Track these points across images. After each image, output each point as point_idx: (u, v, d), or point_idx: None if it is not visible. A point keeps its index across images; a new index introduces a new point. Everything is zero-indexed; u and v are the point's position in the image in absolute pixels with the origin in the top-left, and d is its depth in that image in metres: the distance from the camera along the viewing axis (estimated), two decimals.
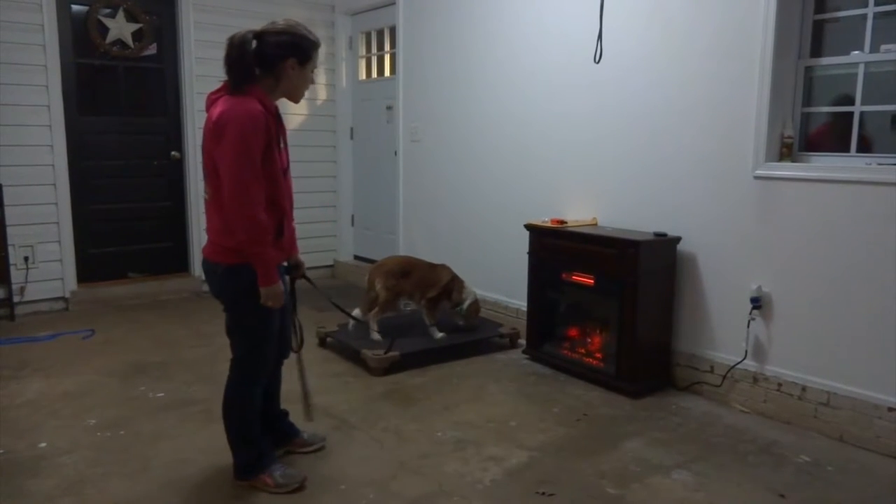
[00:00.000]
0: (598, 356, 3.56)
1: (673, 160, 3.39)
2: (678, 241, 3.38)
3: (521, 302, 4.10)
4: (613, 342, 3.43)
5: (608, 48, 3.53)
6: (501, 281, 4.40)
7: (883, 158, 2.83)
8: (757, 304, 3.09)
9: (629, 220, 3.60)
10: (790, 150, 3.06)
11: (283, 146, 2.34)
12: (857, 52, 2.92)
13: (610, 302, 3.43)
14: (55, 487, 2.42)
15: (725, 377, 3.23)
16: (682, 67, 3.31)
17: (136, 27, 5.07)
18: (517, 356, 3.92)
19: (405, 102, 5.19)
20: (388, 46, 5.60)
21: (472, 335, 4.04)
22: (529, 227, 3.82)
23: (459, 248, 4.72)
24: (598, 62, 3.54)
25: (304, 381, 2.65)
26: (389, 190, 5.49)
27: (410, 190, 5.25)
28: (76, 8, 4.87)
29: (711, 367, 3.31)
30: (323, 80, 5.84)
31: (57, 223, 4.78)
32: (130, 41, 5.06)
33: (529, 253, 3.83)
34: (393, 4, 5.20)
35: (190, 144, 5.28)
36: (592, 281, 3.49)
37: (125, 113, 5.16)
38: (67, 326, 4.43)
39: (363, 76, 5.91)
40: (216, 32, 5.19)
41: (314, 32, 2.33)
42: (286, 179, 2.36)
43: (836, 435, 2.87)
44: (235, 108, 2.14)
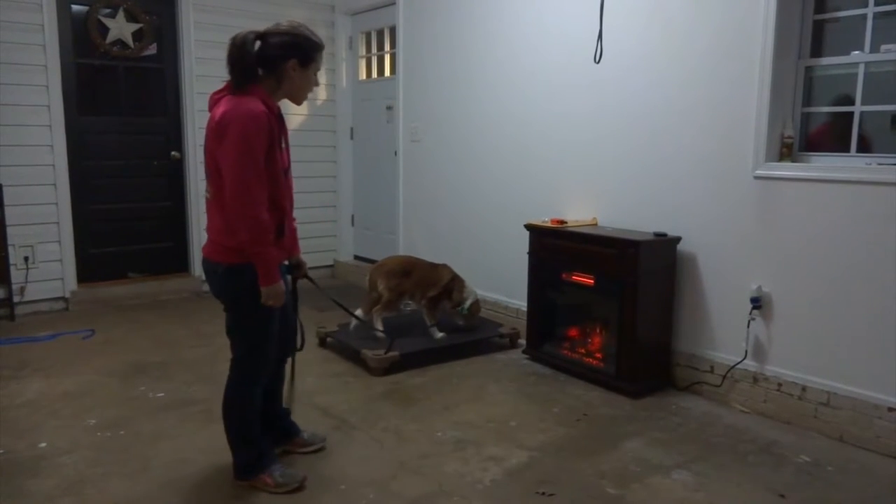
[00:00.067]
0: (598, 356, 3.56)
1: (673, 160, 3.40)
2: (678, 241, 3.38)
3: (521, 302, 4.10)
4: (613, 342, 3.43)
5: (608, 48, 3.53)
6: (501, 281, 4.40)
7: (883, 158, 2.83)
8: (757, 304, 3.09)
9: (629, 220, 3.60)
10: (790, 150, 3.06)
11: (284, 146, 2.33)
12: (857, 52, 2.92)
13: (610, 302, 3.43)
14: (55, 487, 2.42)
15: (725, 377, 3.23)
16: (682, 67, 3.31)
17: (136, 27, 5.07)
18: (517, 356, 3.92)
19: (405, 102, 5.19)
20: (388, 46, 5.60)
21: (472, 335, 4.04)
22: (529, 227, 3.82)
23: (459, 248, 4.72)
24: (598, 62, 3.54)
25: (292, 371, 2.68)
26: (389, 190, 5.50)
27: (410, 190, 5.25)
28: (76, 8, 4.87)
29: (711, 367, 3.31)
30: (323, 79, 5.84)
31: (57, 223, 4.78)
32: (130, 41, 5.06)
33: (529, 253, 3.83)
34: (393, 4, 5.20)
35: (190, 144, 5.28)
36: (592, 281, 3.49)
37: (125, 113, 5.16)
38: (67, 326, 4.43)
39: (363, 76, 5.92)
40: (216, 32, 5.20)
41: (318, 34, 2.32)
42: (287, 179, 2.36)
43: (836, 435, 2.87)
44: (238, 108, 2.13)
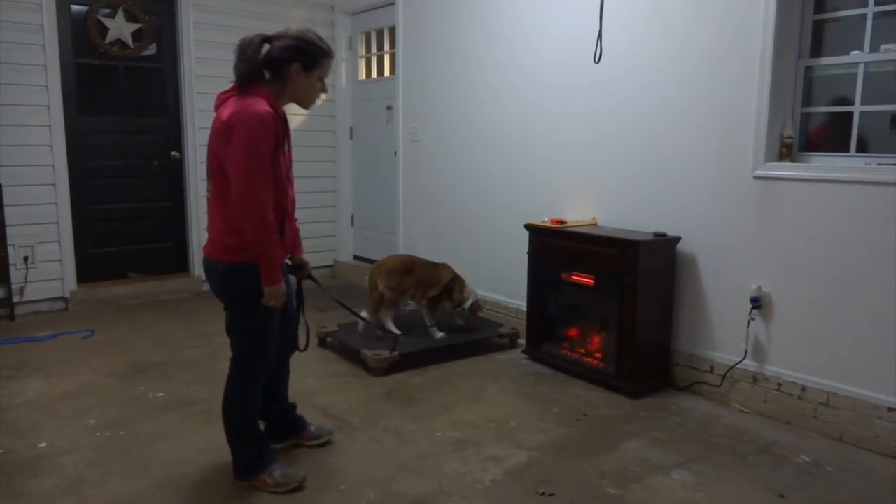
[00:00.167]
0: (597, 356, 3.56)
1: (673, 160, 3.40)
2: (678, 241, 3.38)
3: (520, 302, 4.10)
4: (613, 342, 3.43)
5: (608, 48, 3.53)
6: (501, 281, 4.40)
7: (883, 158, 2.83)
8: (757, 304, 3.09)
9: (629, 220, 3.60)
10: (790, 150, 3.06)
11: (287, 149, 2.35)
12: (856, 52, 2.92)
13: (610, 302, 3.43)
14: (55, 487, 2.42)
15: (725, 377, 3.23)
16: (681, 67, 3.31)
17: (135, 27, 5.07)
18: (517, 356, 3.92)
19: (405, 102, 5.19)
20: (388, 46, 5.59)
21: (472, 335, 4.04)
22: (529, 227, 3.82)
23: (459, 247, 4.72)
24: (597, 62, 3.54)
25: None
26: (389, 190, 5.49)
27: (410, 190, 5.25)
28: (76, 8, 4.87)
29: (711, 367, 3.31)
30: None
31: (57, 223, 4.78)
32: (130, 41, 5.06)
33: (529, 253, 3.83)
34: (393, 4, 5.19)
35: (190, 144, 5.28)
36: (592, 281, 3.49)
37: (125, 113, 5.16)
38: (67, 326, 4.43)
39: (363, 76, 5.92)
40: (216, 32, 5.20)
41: (327, 42, 2.33)
42: (288, 181, 2.37)
43: (835, 435, 2.87)
44: (245, 109, 2.15)
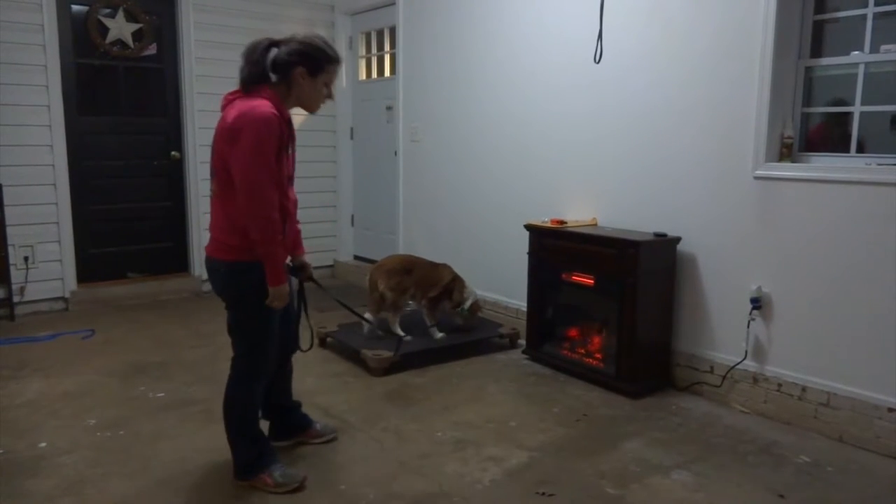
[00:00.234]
0: (597, 356, 3.56)
1: (673, 160, 3.39)
2: (678, 241, 3.38)
3: (521, 302, 4.09)
4: (613, 342, 3.43)
5: (608, 48, 3.53)
6: (501, 281, 4.40)
7: (883, 158, 2.83)
8: (757, 304, 3.09)
9: (629, 220, 3.60)
10: (790, 150, 3.06)
11: (291, 152, 2.36)
12: (857, 52, 2.92)
13: (610, 302, 3.42)
14: (55, 487, 2.42)
15: (725, 377, 3.23)
16: (681, 67, 3.31)
17: (136, 27, 5.07)
18: (517, 356, 3.92)
19: (405, 102, 5.19)
20: (388, 46, 5.59)
21: (471, 335, 4.04)
22: (529, 227, 3.82)
23: (459, 248, 4.72)
24: (598, 62, 3.54)
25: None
26: (389, 190, 5.49)
27: (410, 190, 5.25)
28: (76, 8, 4.87)
29: (711, 367, 3.31)
30: None
31: (57, 223, 4.78)
32: (130, 41, 5.06)
33: (529, 253, 3.83)
34: (393, 4, 5.19)
35: (190, 144, 5.28)
36: (592, 281, 3.49)
37: (125, 113, 5.16)
38: (67, 326, 4.43)
39: (363, 76, 5.91)
40: (216, 32, 5.20)
41: (334, 48, 2.35)
42: (290, 182, 2.39)
43: (835, 435, 2.87)
44: (251, 112, 2.17)
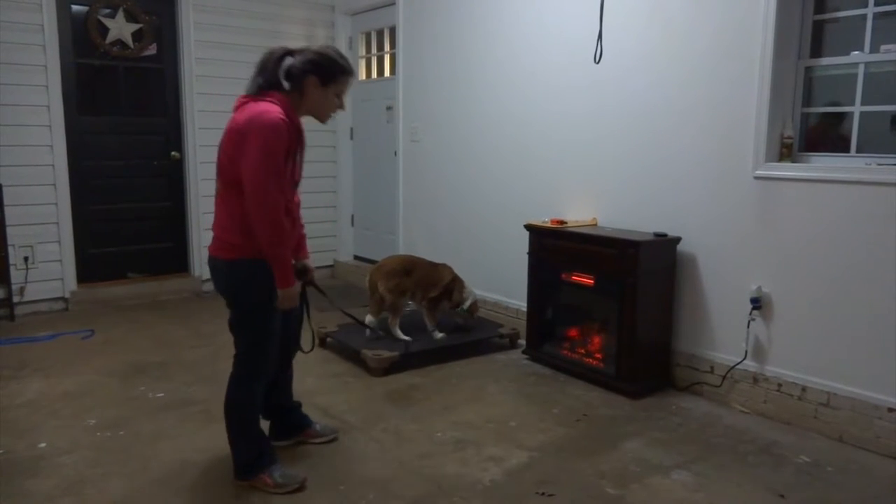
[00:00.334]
0: (597, 356, 3.56)
1: (673, 160, 3.39)
2: (678, 241, 3.38)
3: (521, 302, 4.09)
4: (613, 342, 3.43)
5: (608, 48, 3.53)
6: (501, 281, 4.40)
7: (883, 158, 2.83)
8: (757, 304, 3.09)
9: (629, 220, 3.60)
10: (790, 150, 3.06)
11: (298, 159, 2.39)
12: (857, 52, 2.92)
13: (610, 302, 3.42)
14: (55, 487, 2.42)
15: (725, 377, 3.23)
16: (682, 67, 3.31)
17: (136, 27, 5.07)
18: (517, 356, 3.92)
19: (405, 102, 5.19)
20: (388, 47, 5.60)
21: (471, 335, 4.04)
22: (529, 227, 3.82)
23: (459, 248, 4.72)
24: (598, 62, 3.54)
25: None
26: (389, 190, 5.49)
27: (410, 190, 5.25)
28: (76, 8, 4.87)
29: (711, 367, 3.30)
30: None
31: (57, 223, 4.78)
32: (130, 41, 5.06)
33: (529, 253, 3.83)
34: (393, 5, 5.19)
35: (190, 144, 5.28)
36: (592, 281, 3.49)
37: (125, 113, 5.16)
38: (67, 326, 4.43)
39: (363, 76, 5.91)
40: (216, 32, 5.21)
41: (347, 59, 2.39)
42: (295, 186, 2.44)
43: (835, 435, 2.87)
44: (260, 117, 2.19)
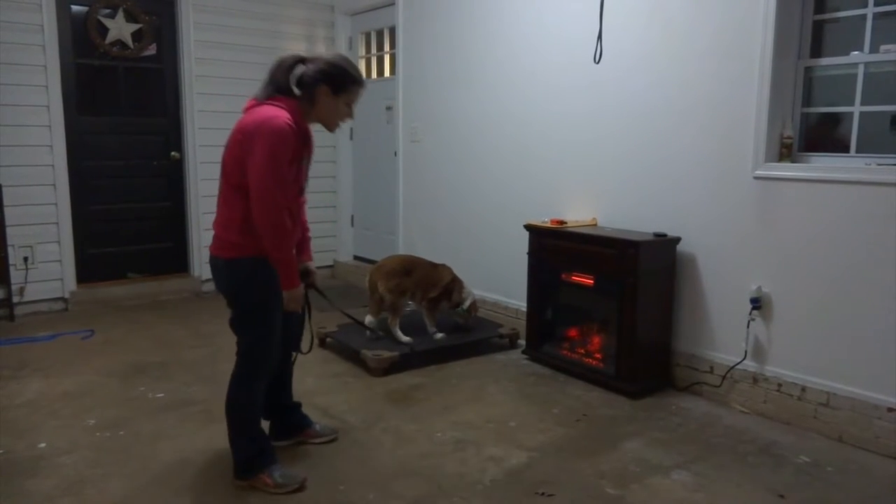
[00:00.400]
0: (597, 356, 3.56)
1: (673, 160, 3.39)
2: (678, 241, 3.38)
3: (520, 302, 4.09)
4: (613, 342, 3.43)
5: (608, 48, 3.53)
6: (501, 281, 4.40)
7: (883, 158, 2.83)
8: (757, 304, 3.09)
9: (629, 220, 3.60)
10: (790, 150, 3.06)
11: (305, 164, 2.40)
12: (856, 52, 2.92)
13: (609, 302, 3.42)
14: (55, 487, 2.42)
15: (725, 377, 3.23)
16: (681, 67, 3.31)
17: (135, 27, 5.07)
18: (517, 356, 3.92)
19: (405, 103, 5.19)
20: (387, 47, 5.59)
21: (471, 335, 4.03)
22: (529, 227, 3.82)
23: (459, 248, 4.72)
24: (597, 62, 3.54)
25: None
26: (389, 190, 5.49)
27: (410, 190, 5.25)
28: (76, 8, 4.87)
29: (711, 367, 3.30)
30: None
31: (56, 223, 4.78)
32: (130, 41, 5.06)
33: (529, 253, 3.83)
34: (393, 5, 5.19)
35: (190, 144, 5.28)
36: (592, 281, 3.49)
37: (125, 113, 5.16)
38: (67, 327, 4.43)
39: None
40: (216, 32, 5.21)
41: (358, 70, 2.41)
42: (301, 194, 2.45)
43: (835, 435, 2.87)
44: (269, 121, 2.20)
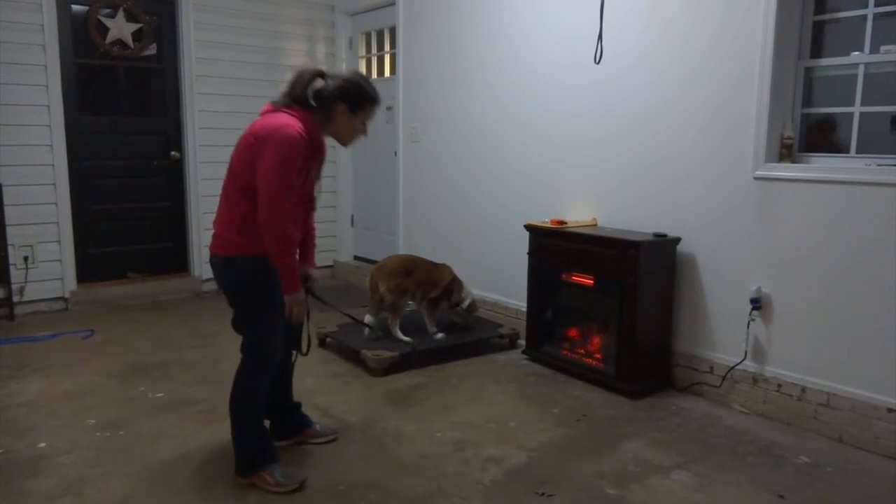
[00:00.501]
0: (597, 357, 3.56)
1: (673, 161, 3.39)
2: (678, 241, 3.38)
3: (520, 302, 4.09)
4: (613, 343, 3.43)
5: (608, 48, 3.53)
6: (501, 281, 4.40)
7: (883, 159, 2.83)
8: (756, 304, 3.09)
9: (629, 220, 3.60)
10: (790, 150, 3.06)
11: (314, 174, 2.42)
12: (857, 53, 2.92)
13: (610, 302, 3.42)
14: (55, 487, 2.42)
15: (725, 378, 3.23)
16: (682, 68, 3.31)
17: (136, 27, 5.07)
18: (517, 356, 3.92)
19: (405, 103, 5.19)
20: (388, 47, 5.60)
21: (471, 335, 4.04)
22: (529, 227, 3.82)
23: (459, 248, 4.72)
24: (598, 62, 3.54)
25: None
26: (389, 190, 5.49)
27: (410, 190, 5.25)
28: (76, 8, 4.87)
29: (711, 367, 3.31)
30: None
31: (57, 223, 4.78)
32: (130, 41, 5.06)
33: (529, 253, 3.83)
34: (393, 5, 5.19)
35: (190, 144, 5.28)
36: (592, 281, 3.49)
37: (125, 113, 5.16)
38: (67, 326, 4.43)
39: None
40: (216, 32, 5.21)
41: (375, 88, 2.42)
42: (313, 205, 2.49)
43: (835, 436, 2.87)
44: (280, 130, 2.23)
